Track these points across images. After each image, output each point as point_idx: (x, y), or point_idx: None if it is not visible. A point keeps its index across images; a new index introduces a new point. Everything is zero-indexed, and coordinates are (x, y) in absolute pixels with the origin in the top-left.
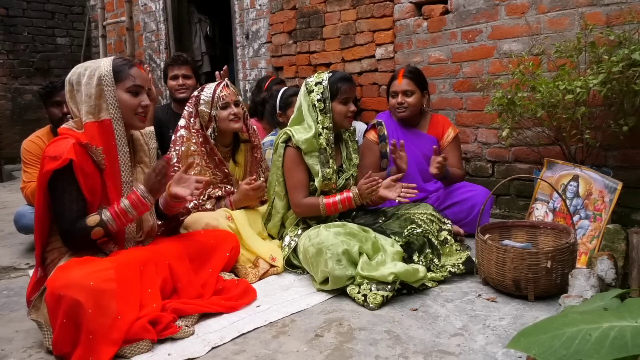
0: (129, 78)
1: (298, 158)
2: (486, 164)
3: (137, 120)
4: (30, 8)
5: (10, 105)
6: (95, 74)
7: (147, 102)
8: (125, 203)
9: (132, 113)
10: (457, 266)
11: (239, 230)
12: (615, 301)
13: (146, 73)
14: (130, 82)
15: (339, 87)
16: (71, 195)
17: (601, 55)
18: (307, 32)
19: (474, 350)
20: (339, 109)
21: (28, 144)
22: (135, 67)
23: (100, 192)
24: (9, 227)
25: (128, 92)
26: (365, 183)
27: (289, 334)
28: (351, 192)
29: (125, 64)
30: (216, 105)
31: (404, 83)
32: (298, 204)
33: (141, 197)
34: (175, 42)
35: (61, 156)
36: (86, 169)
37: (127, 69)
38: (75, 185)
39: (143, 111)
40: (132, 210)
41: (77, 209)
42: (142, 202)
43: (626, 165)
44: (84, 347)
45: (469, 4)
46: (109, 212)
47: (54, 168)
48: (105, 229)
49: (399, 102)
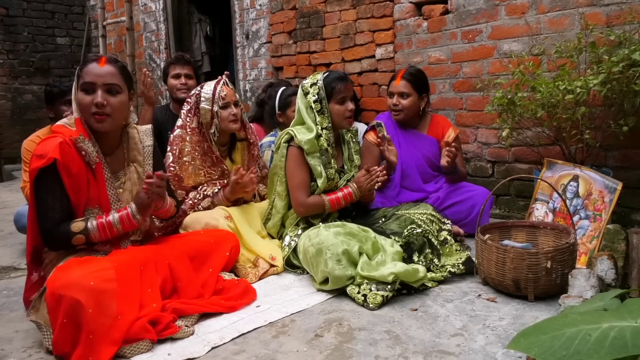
0: (81, 76)
1: (300, 158)
2: (486, 164)
3: (93, 121)
4: (30, 8)
5: (10, 105)
6: (76, 71)
7: (98, 100)
8: (114, 217)
9: (87, 113)
10: (457, 266)
11: (238, 230)
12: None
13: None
14: (81, 80)
15: (334, 86)
16: (55, 195)
17: (601, 56)
18: (307, 32)
19: (473, 350)
20: (336, 109)
21: (28, 143)
22: (93, 62)
23: (85, 192)
24: (9, 227)
25: (82, 90)
26: (364, 175)
27: (288, 334)
28: (350, 187)
29: (87, 60)
30: (217, 102)
31: (401, 85)
32: (303, 203)
33: (130, 216)
34: (175, 42)
35: (46, 154)
36: (72, 168)
37: (83, 66)
38: (59, 185)
39: (97, 110)
40: (118, 225)
41: (61, 209)
42: (131, 220)
43: (626, 165)
44: (84, 346)
45: (469, 4)
46: (96, 222)
47: (39, 166)
48: (88, 237)
49: (394, 104)
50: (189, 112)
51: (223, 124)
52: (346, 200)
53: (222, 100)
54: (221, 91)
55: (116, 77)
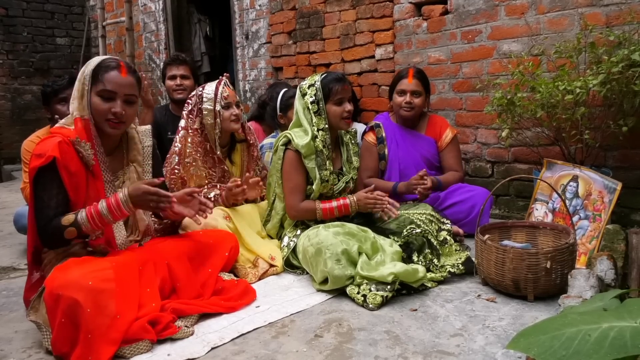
0: (100, 82)
1: (297, 161)
2: (486, 164)
3: (107, 126)
4: (29, 8)
5: (9, 106)
6: (85, 71)
7: (117, 110)
8: (102, 206)
9: (102, 118)
10: (456, 266)
11: (237, 230)
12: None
13: (131, 78)
14: (100, 86)
15: (332, 87)
16: (51, 193)
17: (601, 56)
18: (306, 32)
19: (473, 350)
20: (333, 110)
21: (28, 144)
22: (115, 70)
23: (85, 190)
24: (9, 227)
25: (99, 95)
26: (369, 198)
27: (288, 335)
28: (348, 200)
29: (108, 65)
30: (220, 102)
31: (414, 83)
32: (294, 207)
33: (120, 203)
34: (175, 43)
35: (45, 153)
36: (71, 167)
37: (102, 71)
38: (56, 183)
39: (114, 118)
40: (108, 214)
41: (56, 206)
42: (120, 208)
43: (625, 165)
44: (83, 346)
45: (468, 5)
46: (85, 212)
47: (38, 165)
48: (79, 229)
49: (407, 102)
50: (191, 113)
51: (224, 123)
52: (340, 212)
53: (224, 100)
54: (223, 91)
55: (134, 87)
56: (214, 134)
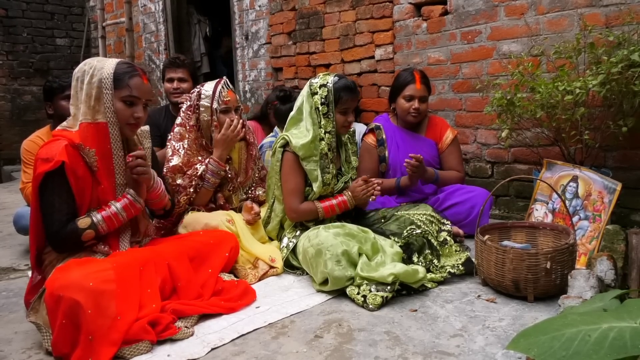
0: (126, 87)
1: (295, 163)
2: (485, 164)
3: (128, 129)
4: (29, 9)
5: (9, 106)
6: (97, 75)
7: (140, 115)
8: (116, 206)
9: (124, 122)
10: (456, 267)
11: (239, 234)
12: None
13: (149, 84)
14: (126, 92)
15: (341, 96)
16: (61, 197)
17: (600, 56)
18: (306, 33)
19: (473, 351)
20: (337, 117)
21: (28, 144)
22: (138, 76)
23: (89, 194)
24: (9, 228)
25: (122, 101)
26: (360, 186)
27: (288, 335)
28: (345, 196)
29: (128, 72)
30: (217, 100)
31: (422, 89)
32: (295, 209)
33: (132, 201)
34: (175, 43)
35: (53, 158)
36: (78, 171)
37: (127, 77)
38: (66, 187)
39: (135, 122)
40: (123, 212)
41: (67, 211)
42: (134, 205)
43: (625, 165)
44: (84, 347)
45: (468, 5)
46: (100, 214)
47: (46, 170)
48: (96, 231)
49: (415, 108)
50: (189, 109)
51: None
52: (340, 208)
53: (223, 103)
54: (225, 94)
55: (152, 92)
56: (209, 132)
